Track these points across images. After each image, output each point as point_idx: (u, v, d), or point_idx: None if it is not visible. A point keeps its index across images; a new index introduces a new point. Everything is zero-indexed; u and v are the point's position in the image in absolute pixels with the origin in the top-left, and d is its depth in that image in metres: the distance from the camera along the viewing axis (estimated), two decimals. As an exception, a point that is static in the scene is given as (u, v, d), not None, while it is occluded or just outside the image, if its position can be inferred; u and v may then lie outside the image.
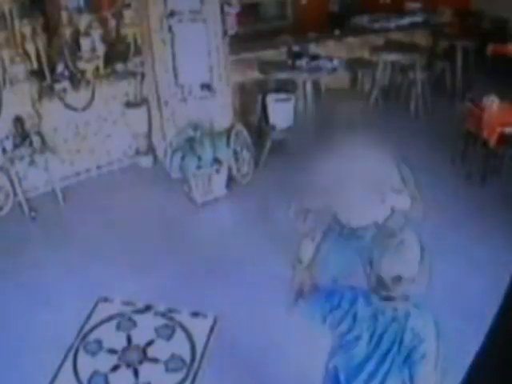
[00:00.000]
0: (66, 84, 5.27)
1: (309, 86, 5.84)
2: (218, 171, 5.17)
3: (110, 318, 3.81)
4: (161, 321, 3.78)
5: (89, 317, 3.81)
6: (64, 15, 5.22)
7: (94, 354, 3.52)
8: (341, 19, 7.51)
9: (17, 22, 4.88)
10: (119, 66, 5.65)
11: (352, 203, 2.85)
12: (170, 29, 4.91)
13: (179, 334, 3.66)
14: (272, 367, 3.41)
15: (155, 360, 3.47)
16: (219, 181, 5.23)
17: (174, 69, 5.07)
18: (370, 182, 2.79)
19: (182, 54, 5.03)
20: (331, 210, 3.02)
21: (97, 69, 5.35)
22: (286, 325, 3.73)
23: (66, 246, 4.62)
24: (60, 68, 5.25)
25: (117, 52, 5.61)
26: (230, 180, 5.36)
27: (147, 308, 3.88)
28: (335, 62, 5.95)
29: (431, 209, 4.97)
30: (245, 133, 5.46)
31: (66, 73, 5.26)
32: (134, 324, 3.76)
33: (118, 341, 3.61)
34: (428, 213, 4.91)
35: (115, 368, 3.41)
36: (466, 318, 3.69)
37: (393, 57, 6.87)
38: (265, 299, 3.96)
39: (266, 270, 4.27)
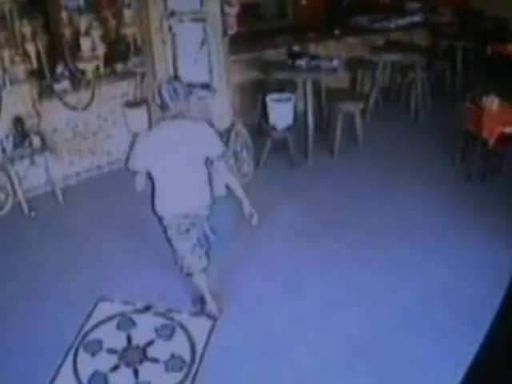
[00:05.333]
0: (65, 84, 5.27)
1: (309, 86, 5.84)
2: (218, 171, 5.15)
3: (109, 318, 3.81)
4: (161, 321, 3.78)
5: (89, 317, 3.82)
6: (64, 15, 5.22)
7: (93, 353, 3.52)
8: (341, 19, 7.51)
9: (17, 22, 4.87)
10: (119, 66, 5.66)
11: None
12: (170, 29, 4.91)
13: (179, 334, 3.67)
14: (272, 366, 3.41)
15: (155, 360, 3.47)
16: (219, 181, 5.22)
17: (174, 69, 5.06)
18: None
19: (182, 54, 5.03)
20: None
21: (97, 69, 5.34)
22: (285, 324, 3.75)
23: (65, 246, 4.62)
24: (60, 68, 5.25)
25: (117, 52, 5.61)
26: (230, 180, 5.35)
27: (147, 308, 3.89)
28: (335, 62, 5.95)
29: (431, 208, 5.00)
30: (245, 133, 5.46)
31: (66, 73, 5.26)
32: (134, 324, 3.77)
33: (117, 341, 3.61)
34: (429, 212, 4.95)
35: (115, 368, 3.41)
36: (465, 317, 3.69)
37: (393, 57, 6.87)
38: (265, 299, 3.96)
39: (267, 270, 4.28)
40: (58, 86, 5.21)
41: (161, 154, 3.30)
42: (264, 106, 5.98)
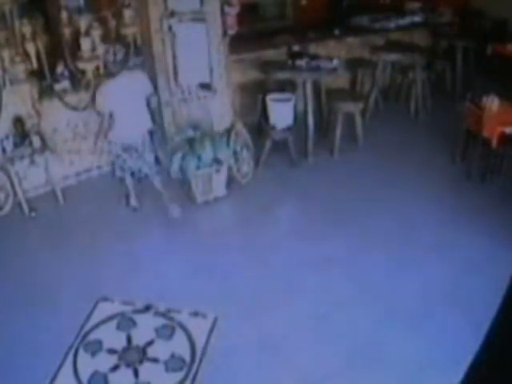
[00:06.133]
0: (66, 84, 5.27)
1: (309, 86, 5.84)
2: (217, 171, 5.17)
3: (109, 318, 3.81)
4: (161, 321, 3.78)
5: (89, 317, 3.82)
6: (64, 15, 5.22)
7: (93, 354, 3.52)
8: (341, 19, 7.51)
9: (17, 22, 4.87)
10: (119, 66, 5.65)
11: None
12: (170, 29, 4.91)
13: (179, 334, 3.67)
14: (272, 367, 3.41)
15: (155, 360, 3.47)
16: (219, 181, 5.23)
17: (174, 69, 5.06)
18: None
19: (182, 54, 5.03)
20: None
21: (97, 69, 5.34)
22: (285, 324, 3.75)
23: (65, 246, 4.62)
24: (60, 68, 5.25)
25: (117, 52, 5.61)
26: (230, 180, 5.36)
27: (147, 308, 3.89)
28: (335, 62, 5.96)
29: (432, 207, 5.00)
30: (245, 133, 5.46)
31: (66, 73, 5.27)
32: (134, 324, 3.77)
33: (117, 341, 3.61)
34: (429, 212, 4.95)
35: (115, 368, 3.41)
36: (465, 317, 3.69)
37: (393, 57, 6.87)
38: (264, 299, 3.96)
39: (266, 270, 4.28)
40: (57, 86, 5.21)
41: (117, 98, 4.46)
42: (264, 106, 5.98)
